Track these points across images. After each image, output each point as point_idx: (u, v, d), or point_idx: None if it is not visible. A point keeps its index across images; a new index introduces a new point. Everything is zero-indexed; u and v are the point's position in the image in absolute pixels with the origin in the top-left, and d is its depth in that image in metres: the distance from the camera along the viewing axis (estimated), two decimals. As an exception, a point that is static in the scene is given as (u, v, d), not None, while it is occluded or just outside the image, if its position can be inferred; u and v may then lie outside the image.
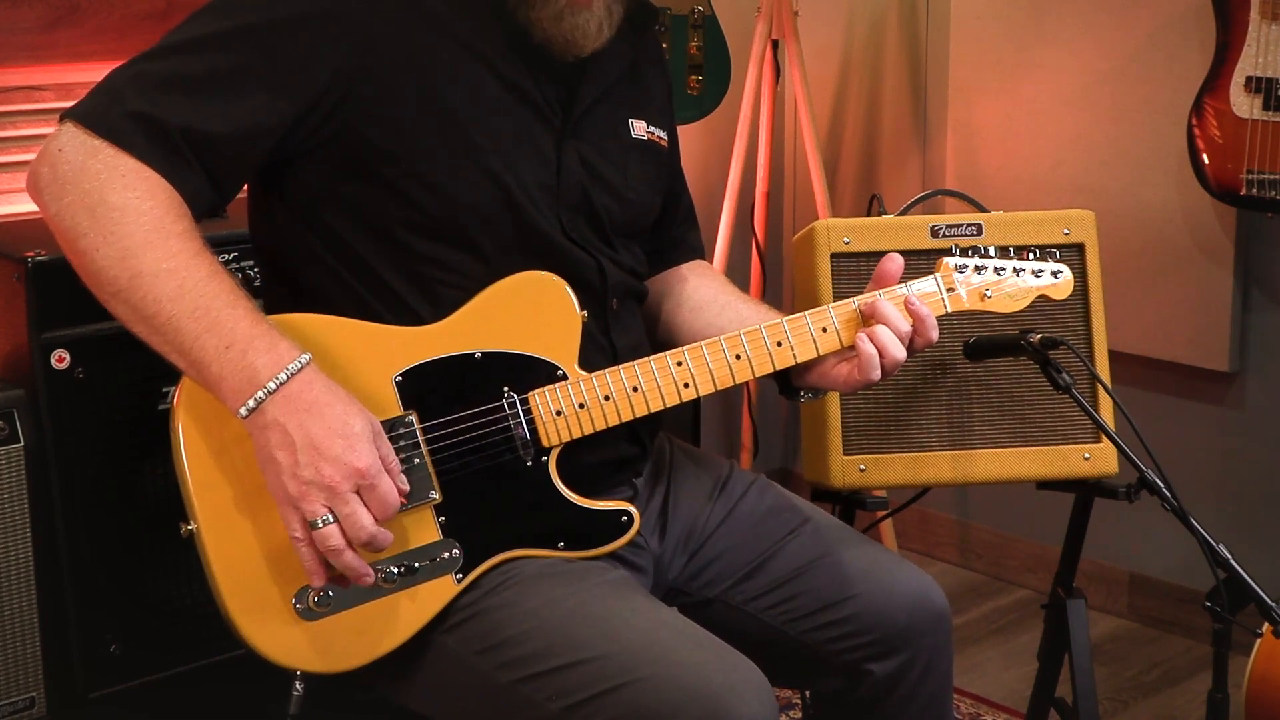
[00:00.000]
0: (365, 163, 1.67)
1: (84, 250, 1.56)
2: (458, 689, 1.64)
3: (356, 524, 1.52)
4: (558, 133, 1.76)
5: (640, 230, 1.90)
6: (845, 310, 1.77)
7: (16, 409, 2.12)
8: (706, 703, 1.51)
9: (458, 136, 1.68)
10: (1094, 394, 2.17)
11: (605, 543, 1.71)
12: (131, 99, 1.58)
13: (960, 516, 3.52)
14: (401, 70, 1.66)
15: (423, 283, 1.69)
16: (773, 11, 3.22)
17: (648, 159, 1.88)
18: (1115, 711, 2.89)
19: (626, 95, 1.87)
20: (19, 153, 2.60)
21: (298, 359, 1.54)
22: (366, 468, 1.51)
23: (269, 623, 1.59)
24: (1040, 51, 3.14)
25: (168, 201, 1.57)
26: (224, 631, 2.25)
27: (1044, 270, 1.88)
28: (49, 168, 1.58)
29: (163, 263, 1.54)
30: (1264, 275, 2.93)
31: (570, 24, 1.72)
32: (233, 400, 1.53)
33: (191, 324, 1.53)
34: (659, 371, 1.71)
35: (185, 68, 1.61)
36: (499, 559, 1.66)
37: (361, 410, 1.55)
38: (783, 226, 3.73)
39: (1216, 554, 1.81)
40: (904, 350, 1.74)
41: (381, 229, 1.69)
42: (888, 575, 1.80)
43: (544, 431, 1.67)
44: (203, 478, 1.59)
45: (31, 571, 2.14)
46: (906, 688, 1.79)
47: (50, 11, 2.59)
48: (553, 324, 1.70)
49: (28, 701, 2.16)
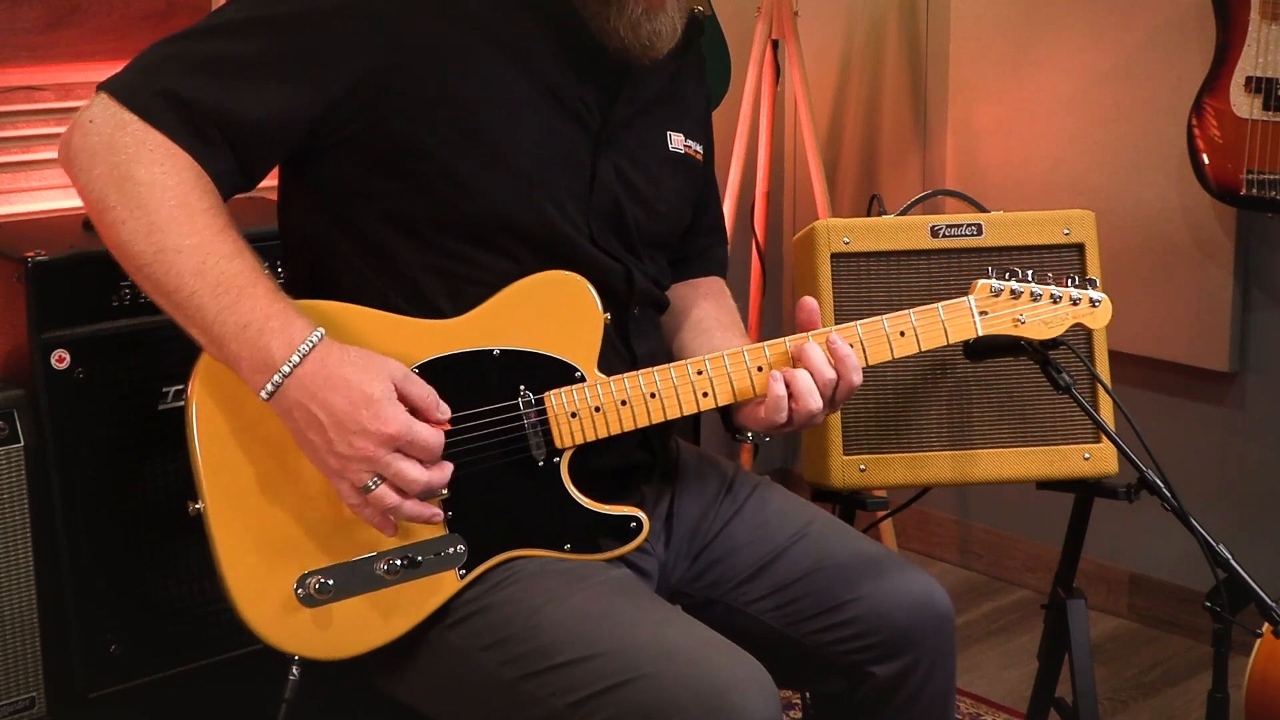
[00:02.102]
0: (395, 158, 1.67)
1: (111, 223, 1.58)
2: (460, 685, 1.64)
3: (406, 479, 1.54)
4: (594, 140, 1.76)
5: (668, 242, 1.90)
6: (778, 349, 1.73)
7: (16, 409, 2.12)
8: (711, 699, 1.51)
9: (489, 138, 1.68)
10: (1094, 394, 2.17)
11: (613, 547, 1.70)
12: (165, 77, 1.60)
13: (960, 516, 3.52)
14: (437, 68, 1.66)
15: (447, 279, 1.69)
16: (773, 11, 3.22)
17: (682, 172, 1.88)
18: (1115, 711, 2.89)
19: (666, 106, 1.86)
20: (19, 153, 2.60)
21: (309, 338, 1.54)
22: (398, 431, 1.53)
23: (270, 606, 1.60)
24: (1040, 51, 3.14)
25: (194, 179, 1.58)
26: (224, 631, 2.26)
27: (1082, 297, 1.86)
28: (80, 137, 1.60)
29: (186, 239, 1.55)
30: (1264, 275, 2.93)
31: (648, 30, 1.72)
32: (253, 381, 1.55)
33: (212, 301, 1.55)
34: (678, 379, 1.70)
35: (222, 50, 1.62)
36: (503, 557, 1.66)
37: (379, 368, 1.55)
38: (783, 226, 3.73)
39: (1216, 554, 1.81)
40: (818, 400, 1.69)
41: (408, 225, 1.69)
42: (892, 578, 1.79)
43: (558, 433, 1.67)
44: (214, 458, 1.60)
45: (31, 571, 2.14)
46: (909, 690, 1.79)
47: (50, 11, 2.59)
48: (574, 325, 1.69)
49: (28, 701, 2.16)
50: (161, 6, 2.70)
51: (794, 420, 1.71)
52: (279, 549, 1.60)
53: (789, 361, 1.72)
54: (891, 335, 1.76)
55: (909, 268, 2.18)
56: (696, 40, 1.90)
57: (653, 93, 1.83)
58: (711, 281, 2.02)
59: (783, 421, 1.71)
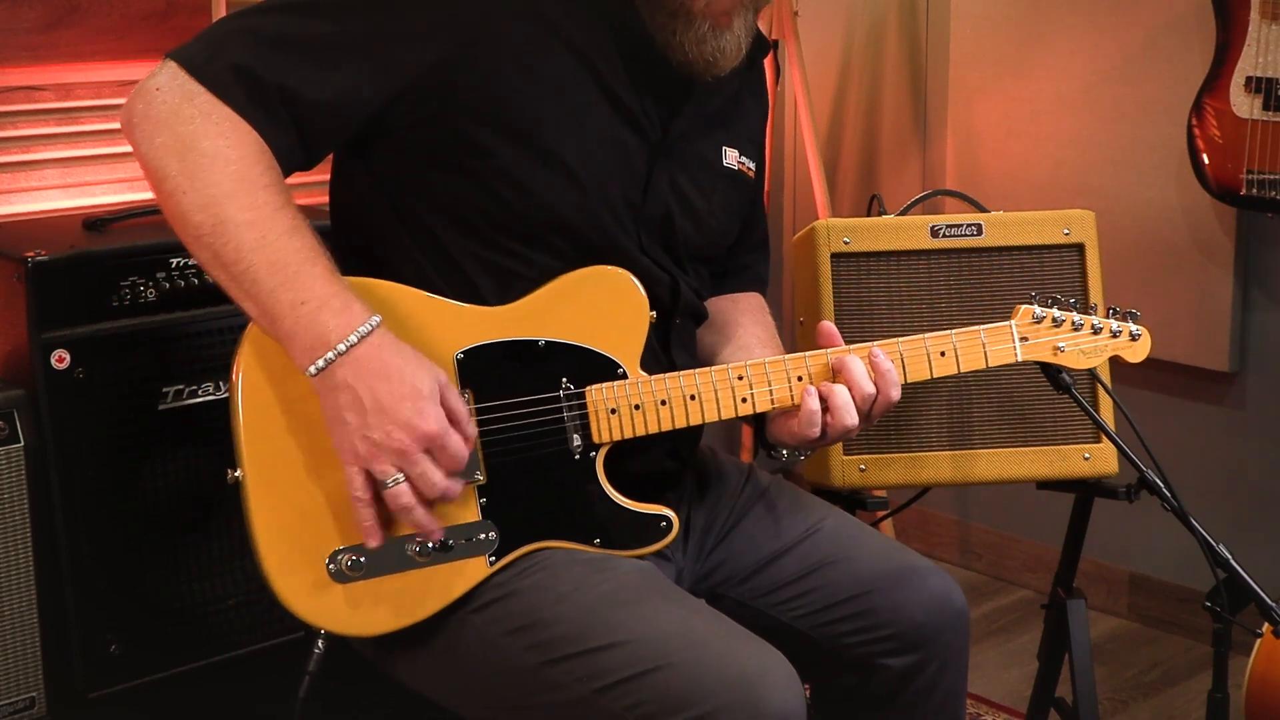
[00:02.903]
0: (454, 152, 1.67)
1: (170, 192, 1.58)
2: (481, 670, 1.65)
3: (428, 482, 1.55)
4: (652, 150, 1.76)
5: (713, 256, 1.91)
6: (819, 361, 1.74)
7: (16, 409, 2.12)
8: (740, 688, 1.51)
9: (550, 140, 1.68)
10: (1094, 394, 2.17)
11: (642, 545, 1.71)
12: (236, 51, 1.60)
13: (960, 516, 3.52)
14: (505, 67, 1.67)
15: (496, 272, 1.69)
16: (773, 11, 3.21)
17: (734, 188, 1.88)
18: (1115, 711, 2.89)
19: (725, 122, 1.87)
20: (19, 153, 2.60)
21: (368, 321, 1.55)
22: (436, 431, 1.54)
23: (300, 580, 1.61)
24: (1040, 51, 3.14)
25: (257, 153, 1.59)
26: (224, 631, 2.26)
27: (1122, 330, 1.86)
28: (144, 104, 1.60)
29: (245, 213, 1.56)
30: (1264, 275, 2.93)
31: (713, 46, 1.73)
32: (302, 358, 1.55)
33: (269, 276, 1.55)
34: (719, 382, 1.71)
35: (294, 29, 1.62)
36: (533, 547, 1.67)
37: (429, 368, 1.57)
38: (783, 226, 3.72)
39: (1216, 554, 1.81)
40: (854, 416, 1.71)
41: (461, 217, 1.69)
42: (907, 573, 1.79)
43: (596, 427, 1.68)
44: (257, 429, 1.61)
45: (31, 571, 2.14)
46: (921, 684, 1.78)
47: (50, 11, 2.59)
48: (620, 320, 1.70)
49: (28, 701, 2.16)
50: (161, 6, 2.70)
51: (828, 435, 1.73)
52: (314, 524, 1.61)
53: (829, 374, 1.74)
54: (932, 354, 1.78)
55: (909, 268, 2.18)
56: (760, 59, 1.90)
57: (714, 109, 1.84)
58: (751, 297, 2.02)
59: (816, 435, 1.72)
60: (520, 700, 1.62)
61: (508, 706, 1.64)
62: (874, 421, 1.76)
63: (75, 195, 2.66)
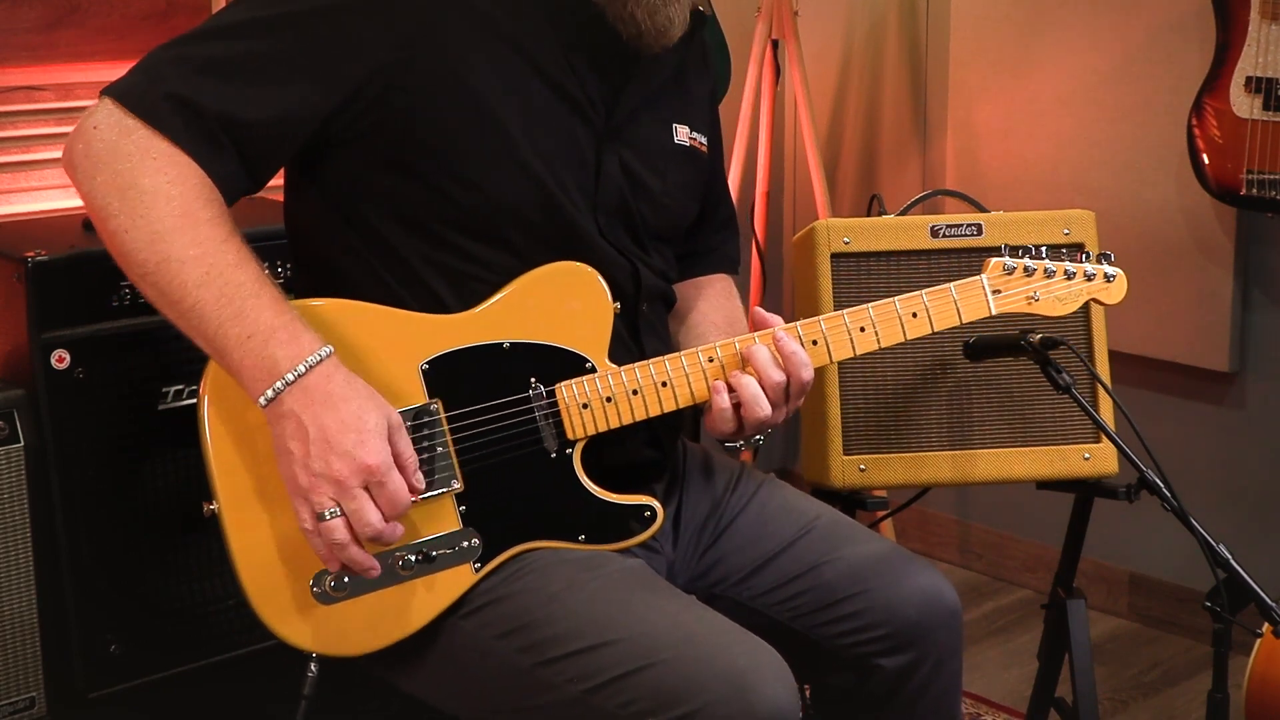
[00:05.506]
0: (403, 156, 1.67)
1: (114, 231, 1.57)
2: (475, 674, 1.65)
3: (362, 520, 1.52)
4: (599, 134, 1.76)
5: (674, 235, 1.90)
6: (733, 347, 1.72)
7: (16, 409, 2.12)
8: (731, 682, 1.52)
9: (497, 135, 1.68)
10: (1094, 394, 2.17)
11: (627, 536, 1.71)
12: (171, 80, 1.59)
13: (960, 516, 3.52)
14: (443, 66, 1.66)
15: (455, 276, 1.69)
16: (773, 11, 3.22)
17: (688, 165, 1.88)
18: (1115, 711, 2.89)
19: (671, 99, 1.86)
20: (19, 153, 2.60)
21: (318, 351, 1.54)
22: (376, 464, 1.52)
23: (285, 605, 1.60)
24: (1040, 51, 3.14)
25: (198, 186, 1.58)
26: (224, 631, 2.26)
27: (1096, 272, 1.84)
28: (83, 144, 1.59)
29: (190, 249, 1.55)
30: (1264, 275, 2.93)
31: (665, 15, 1.73)
32: (252, 388, 1.54)
33: (216, 311, 1.54)
34: (689, 367, 1.71)
35: (226, 52, 1.61)
36: (518, 549, 1.67)
37: (380, 405, 1.55)
38: (783, 226, 3.72)
39: (1216, 554, 1.81)
40: (766, 407, 1.68)
41: (416, 222, 1.69)
42: (900, 571, 1.79)
43: (569, 424, 1.67)
44: (226, 461, 1.60)
45: (31, 571, 2.14)
46: (916, 683, 1.79)
47: (50, 11, 2.59)
48: (583, 315, 1.70)
49: (28, 701, 2.16)
50: (161, 6, 2.70)
51: (745, 430, 1.71)
52: (294, 548, 1.60)
53: (739, 363, 1.72)
54: (904, 316, 1.76)
55: (909, 268, 2.18)
56: (699, 32, 1.90)
57: (658, 86, 1.83)
58: (714, 280, 2.01)
59: (731, 430, 1.71)
60: (517, 702, 1.62)
61: (506, 709, 1.64)
62: (793, 407, 1.73)
63: (75, 195, 2.64)
